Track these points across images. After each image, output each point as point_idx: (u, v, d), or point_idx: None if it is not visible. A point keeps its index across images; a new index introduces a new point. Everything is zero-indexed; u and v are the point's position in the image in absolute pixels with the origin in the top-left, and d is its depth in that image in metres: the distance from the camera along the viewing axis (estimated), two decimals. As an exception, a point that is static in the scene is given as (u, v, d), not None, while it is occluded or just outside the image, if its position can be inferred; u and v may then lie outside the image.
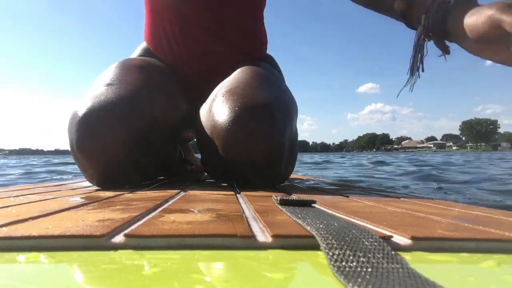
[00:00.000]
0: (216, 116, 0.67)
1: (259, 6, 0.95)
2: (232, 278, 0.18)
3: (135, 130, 0.66)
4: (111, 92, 0.68)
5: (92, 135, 0.62)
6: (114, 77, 0.75)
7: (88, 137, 0.62)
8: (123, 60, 0.84)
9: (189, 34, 0.87)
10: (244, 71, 0.79)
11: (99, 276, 0.18)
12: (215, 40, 0.88)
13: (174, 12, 0.86)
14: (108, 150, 0.63)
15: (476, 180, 1.98)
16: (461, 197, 1.43)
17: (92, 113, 0.64)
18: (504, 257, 0.23)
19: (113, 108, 0.65)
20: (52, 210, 0.34)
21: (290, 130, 0.69)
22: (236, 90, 0.69)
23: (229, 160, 0.65)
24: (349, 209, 0.39)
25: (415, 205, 0.46)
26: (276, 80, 0.81)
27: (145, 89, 0.74)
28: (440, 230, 0.27)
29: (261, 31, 0.98)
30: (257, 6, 0.94)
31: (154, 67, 0.85)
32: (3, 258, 0.21)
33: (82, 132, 0.63)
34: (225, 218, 0.30)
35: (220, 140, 0.65)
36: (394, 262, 0.17)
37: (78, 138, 0.63)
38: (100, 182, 0.67)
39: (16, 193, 0.54)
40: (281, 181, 0.74)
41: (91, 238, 0.23)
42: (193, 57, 0.89)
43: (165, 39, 0.90)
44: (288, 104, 0.73)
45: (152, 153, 0.73)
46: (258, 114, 0.64)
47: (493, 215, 0.37)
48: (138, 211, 0.34)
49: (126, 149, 0.64)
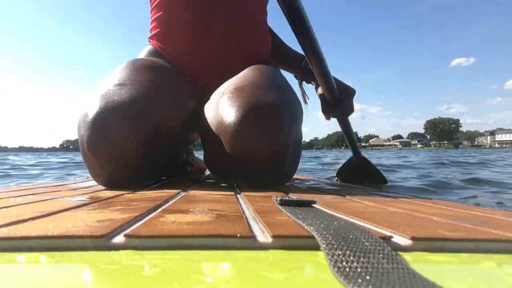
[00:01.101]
0: (224, 113, 0.67)
1: (264, 4, 0.97)
2: (232, 278, 0.18)
3: (145, 130, 0.66)
4: (124, 93, 0.68)
5: (104, 135, 0.63)
6: (126, 77, 0.75)
7: (100, 136, 0.63)
8: (133, 60, 0.84)
9: (205, 29, 0.88)
10: (253, 70, 0.80)
11: (99, 276, 0.18)
12: (227, 37, 0.89)
13: (191, 7, 0.87)
14: (118, 150, 0.63)
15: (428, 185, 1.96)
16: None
17: (104, 113, 0.64)
18: (504, 257, 0.23)
19: (125, 108, 0.65)
20: (52, 211, 0.34)
21: (295, 132, 0.70)
22: (245, 89, 0.70)
23: (235, 157, 0.65)
24: (349, 209, 0.40)
25: (415, 205, 0.46)
26: (284, 82, 0.82)
27: (157, 90, 0.74)
28: (440, 230, 0.27)
29: (267, 30, 1.01)
30: (261, 5, 0.97)
31: (163, 68, 0.86)
32: (3, 258, 0.21)
33: (94, 130, 0.63)
34: (225, 219, 0.30)
35: (226, 137, 0.65)
36: (394, 263, 0.17)
37: (89, 136, 0.63)
38: (106, 181, 0.67)
39: (16, 194, 0.54)
40: (284, 181, 0.74)
41: (91, 239, 0.23)
42: (204, 56, 0.90)
43: (176, 38, 0.91)
44: (295, 106, 0.74)
45: (160, 154, 0.73)
46: (266, 113, 0.64)
47: (493, 215, 0.37)
48: (138, 211, 0.34)
49: (135, 149, 0.64)
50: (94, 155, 0.63)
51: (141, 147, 0.65)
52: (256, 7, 0.94)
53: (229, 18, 0.88)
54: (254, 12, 0.94)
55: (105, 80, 0.76)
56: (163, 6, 0.92)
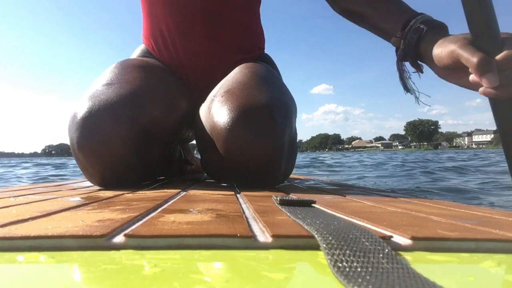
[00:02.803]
0: (216, 117, 0.67)
1: (255, 1, 0.95)
2: (232, 278, 0.18)
3: (135, 129, 0.66)
4: (111, 92, 0.68)
5: (93, 134, 0.63)
6: (114, 76, 0.75)
7: (89, 136, 0.63)
8: (123, 60, 0.84)
9: (187, 33, 0.87)
10: (242, 71, 0.79)
11: (99, 276, 0.18)
12: (213, 38, 0.88)
13: (171, 11, 0.86)
14: (108, 149, 0.63)
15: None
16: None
17: (93, 113, 0.64)
18: (504, 257, 0.23)
19: (113, 107, 0.65)
20: (52, 210, 0.34)
21: (289, 130, 0.69)
22: (235, 91, 0.69)
23: (230, 160, 0.66)
24: (349, 209, 0.40)
25: (415, 205, 0.46)
26: (275, 80, 0.81)
27: (145, 88, 0.74)
28: (440, 230, 0.27)
29: (259, 28, 0.98)
30: (252, 1, 0.94)
31: (153, 67, 0.85)
32: (3, 258, 0.21)
33: (83, 131, 0.63)
34: (225, 218, 0.30)
35: (220, 140, 0.65)
36: (394, 262, 0.17)
37: (79, 137, 0.63)
38: (100, 181, 0.67)
39: (16, 193, 0.54)
40: (281, 180, 0.74)
41: (91, 239, 0.23)
42: (192, 57, 0.89)
43: (163, 40, 0.90)
44: (287, 104, 0.73)
45: (152, 152, 0.73)
46: (257, 114, 0.64)
47: (493, 215, 0.37)
48: (138, 211, 0.34)
49: (126, 148, 0.65)
50: (84, 156, 0.63)
51: (131, 144, 0.65)
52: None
53: (210, 19, 0.86)
54: (242, 3, 0.90)
55: (95, 81, 0.76)
56: (145, 6, 0.91)
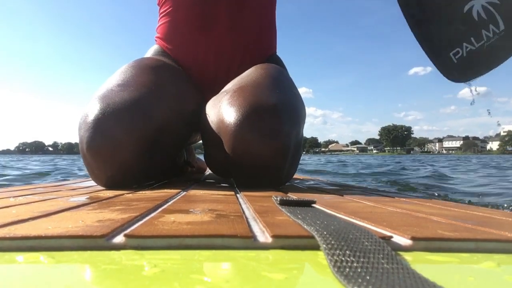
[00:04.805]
0: (225, 112, 0.67)
1: (271, 1, 0.98)
2: (232, 278, 0.18)
3: (146, 137, 0.66)
4: (127, 95, 0.68)
5: (104, 138, 0.62)
6: (128, 78, 0.75)
7: (99, 139, 0.62)
8: (137, 60, 0.84)
9: (208, 35, 0.89)
10: (257, 70, 0.80)
11: (99, 276, 0.18)
12: (233, 31, 0.90)
13: (195, 15, 0.89)
14: (118, 153, 0.63)
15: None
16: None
17: (106, 115, 0.64)
18: (504, 257, 0.23)
19: (127, 112, 0.65)
20: (52, 211, 0.34)
21: (296, 133, 0.70)
22: (248, 88, 0.70)
23: (234, 156, 0.66)
24: (349, 209, 0.39)
25: (415, 205, 0.46)
26: (288, 83, 0.82)
27: (159, 92, 0.74)
28: (440, 230, 0.27)
29: (275, 26, 1.01)
30: (269, 1, 0.97)
31: (167, 68, 0.86)
32: (3, 258, 0.21)
33: (94, 133, 0.63)
34: (225, 219, 0.30)
35: (226, 135, 0.65)
36: (394, 263, 0.17)
37: (89, 137, 0.63)
38: (106, 182, 0.67)
39: (16, 193, 0.54)
40: (284, 181, 0.74)
41: (91, 239, 0.23)
42: (211, 57, 0.91)
43: (182, 41, 0.91)
44: (297, 108, 0.74)
45: (160, 155, 0.73)
46: (266, 114, 0.65)
47: (493, 215, 0.37)
48: (138, 211, 0.34)
49: (134, 155, 0.64)
50: (93, 157, 0.63)
51: (141, 150, 0.65)
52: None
53: (231, 11, 0.89)
54: (260, 6, 0.94)
55: (108, 79, 0.76)
56: (166, 4, 0.93)
